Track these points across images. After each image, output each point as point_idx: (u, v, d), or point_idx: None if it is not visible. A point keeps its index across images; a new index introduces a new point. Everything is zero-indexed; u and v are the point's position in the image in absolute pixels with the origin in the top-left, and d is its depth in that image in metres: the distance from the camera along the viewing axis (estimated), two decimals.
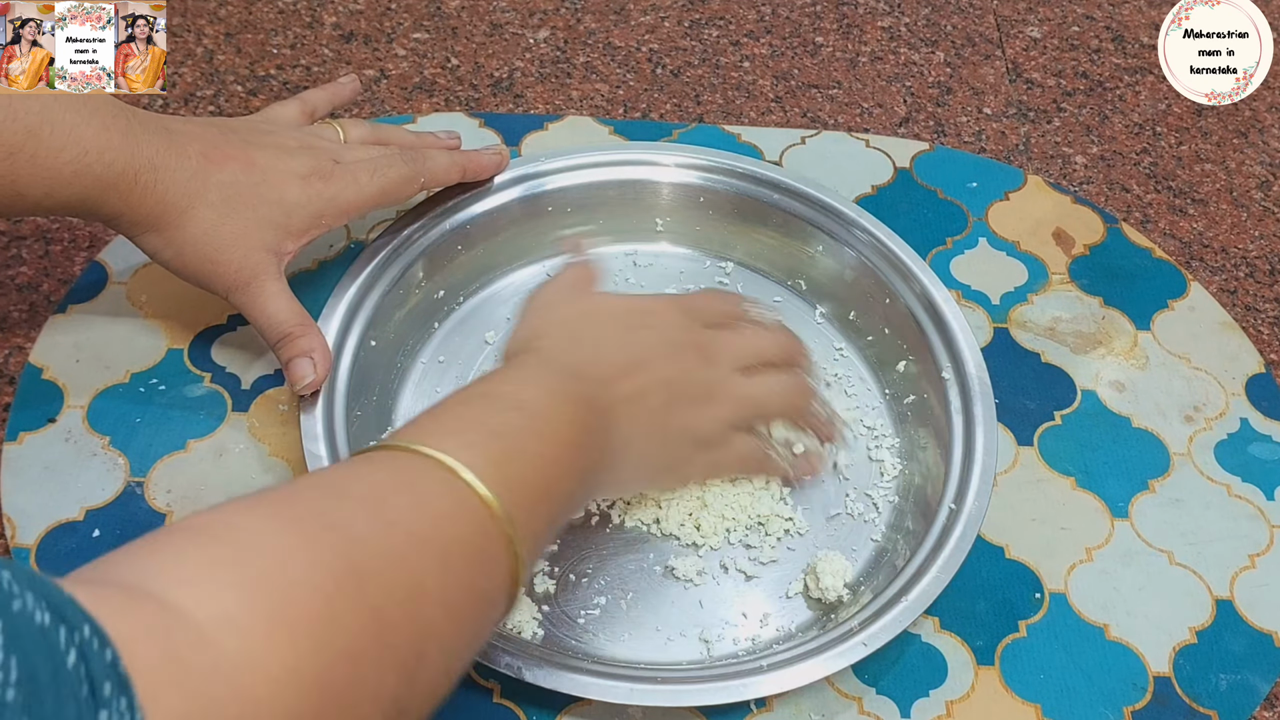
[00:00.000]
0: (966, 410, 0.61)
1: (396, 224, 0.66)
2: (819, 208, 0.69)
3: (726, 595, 0.58)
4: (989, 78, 0.87)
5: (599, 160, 0.71)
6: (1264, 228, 0.79)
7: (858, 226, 0.68)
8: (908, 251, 0.67)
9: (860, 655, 0.52)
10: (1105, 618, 0.59)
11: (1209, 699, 0.57)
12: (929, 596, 0.54)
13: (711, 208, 0.71)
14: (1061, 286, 0.73)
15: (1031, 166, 0.81)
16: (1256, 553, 0.62)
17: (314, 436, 0.57)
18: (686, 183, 0.71)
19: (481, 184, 0.67)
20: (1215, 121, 0.85)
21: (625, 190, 0.71)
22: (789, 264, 0.71)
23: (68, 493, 0.60)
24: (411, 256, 0.65)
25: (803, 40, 0.89)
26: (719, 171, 0.71)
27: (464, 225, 0.67)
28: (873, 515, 0.61)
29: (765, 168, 0.71)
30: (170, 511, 0.59)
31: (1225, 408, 0.68)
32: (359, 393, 0.61)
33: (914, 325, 0.65)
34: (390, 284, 0.64)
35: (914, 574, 0.55)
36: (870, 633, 0.53)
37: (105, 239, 0.71)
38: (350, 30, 0.86)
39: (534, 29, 0.88)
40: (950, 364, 0.63)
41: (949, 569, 0.55)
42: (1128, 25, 0.92)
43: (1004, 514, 0.62)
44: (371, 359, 0.62)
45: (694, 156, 0.71)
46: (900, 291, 0.66)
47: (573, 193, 0.70)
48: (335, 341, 0.60)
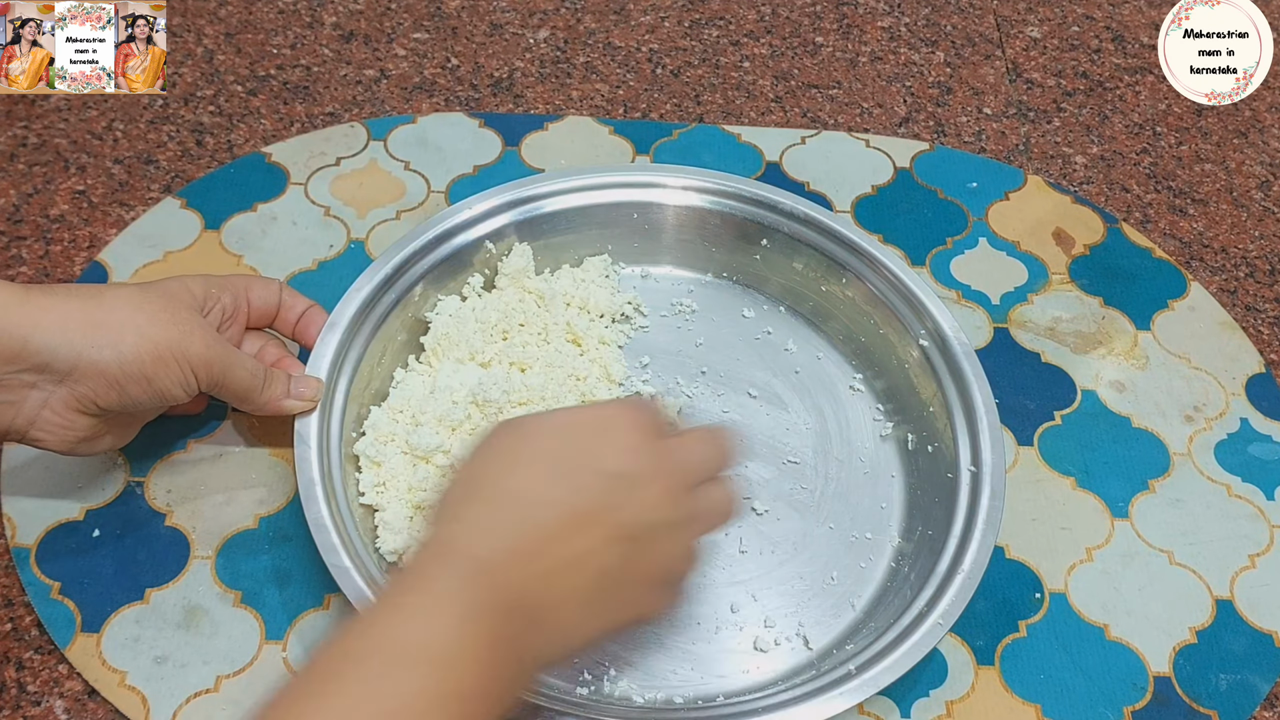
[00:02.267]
0: (975, 453, 0.60)
1: (398, 244, 0.65)
2: (831, 236, 0.68)
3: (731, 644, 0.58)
4: (989, 78, 0.87)
5: (600, 182, 0.69)
6: (1264, 228, 0.79)
7: (868, 256, 0.67)
8: (922, 287, 0.66)
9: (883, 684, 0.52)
10: (1105, 618, 0.59)
11: (1209, 699, 0.57)
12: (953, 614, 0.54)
13: (717, 230, 0.70)
14: (1061, 286, 0.73)
15: (1031, 166, 0.81)
16: (1256, 553, 0.62)
17: (305, 440, 0.57)
18: (691, 205, 0.70)
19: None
20: (1215, 121, 0.85)
21: (630, 211, 0.70)
22: (801, 291, 0.70)
23: (68, 493, 0.60)
24: (413, 279, 0.65)
25: (803, 40, 0.89)
26: (725, 195, 0.70)
27: (466, 245, 0.67)
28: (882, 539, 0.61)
29: (780, 194, 0.70)
30: (170, 511, 0.59)
31: (1225, 408, 0.68)
32: (357, 399, 0.61)
33: (925, 364, 0.64)
34: (393, 302, 0.63)
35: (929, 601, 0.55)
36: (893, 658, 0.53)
37: (105, 239, 0.71)
38: (350, 30, 0.86)
39: (534, 29, 0.88)
40: (962, 411, 0.62)
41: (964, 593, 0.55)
42: (1128, 25, 0.92)
43: (1004, 514, 0.62)
44: (370, 371, 0.63)
45: (699, 179, 0.70)
46: (910, 325, 0.65)
47: (573, 215, 0.69)
48: (335, 356, 0.60)
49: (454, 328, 0.64)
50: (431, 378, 0.63)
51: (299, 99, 0.81)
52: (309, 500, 0.55)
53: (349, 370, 0.61)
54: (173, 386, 0.53)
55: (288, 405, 0.57)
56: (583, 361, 0.65)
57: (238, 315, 0.59)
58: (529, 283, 0.67)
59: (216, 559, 0.58)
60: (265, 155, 0.76)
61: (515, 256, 0.67)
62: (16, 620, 0.56)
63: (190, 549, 0.58)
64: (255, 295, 0.60)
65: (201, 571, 0.58)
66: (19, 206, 0.72)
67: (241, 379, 0.55)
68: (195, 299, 0.55)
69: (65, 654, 0.55)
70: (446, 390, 0.61)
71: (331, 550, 0.53)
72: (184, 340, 0.52)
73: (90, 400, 0.51)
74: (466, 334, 0.64)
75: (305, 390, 0.58)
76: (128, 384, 0.51)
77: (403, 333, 0.64)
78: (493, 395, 0.60)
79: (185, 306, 0.54)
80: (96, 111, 0.78)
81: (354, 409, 0.61)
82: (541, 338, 0.65)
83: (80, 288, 0.52)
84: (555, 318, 0.66)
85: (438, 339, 0.64)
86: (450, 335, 0.64)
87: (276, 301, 0.61)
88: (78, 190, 0.74)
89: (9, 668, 0.54)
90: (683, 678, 0.56)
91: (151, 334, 0.51)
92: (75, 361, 0.50)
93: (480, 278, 0.67)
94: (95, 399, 0.51)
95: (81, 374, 0.50)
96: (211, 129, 0.78)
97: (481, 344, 0.64)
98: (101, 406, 0.52)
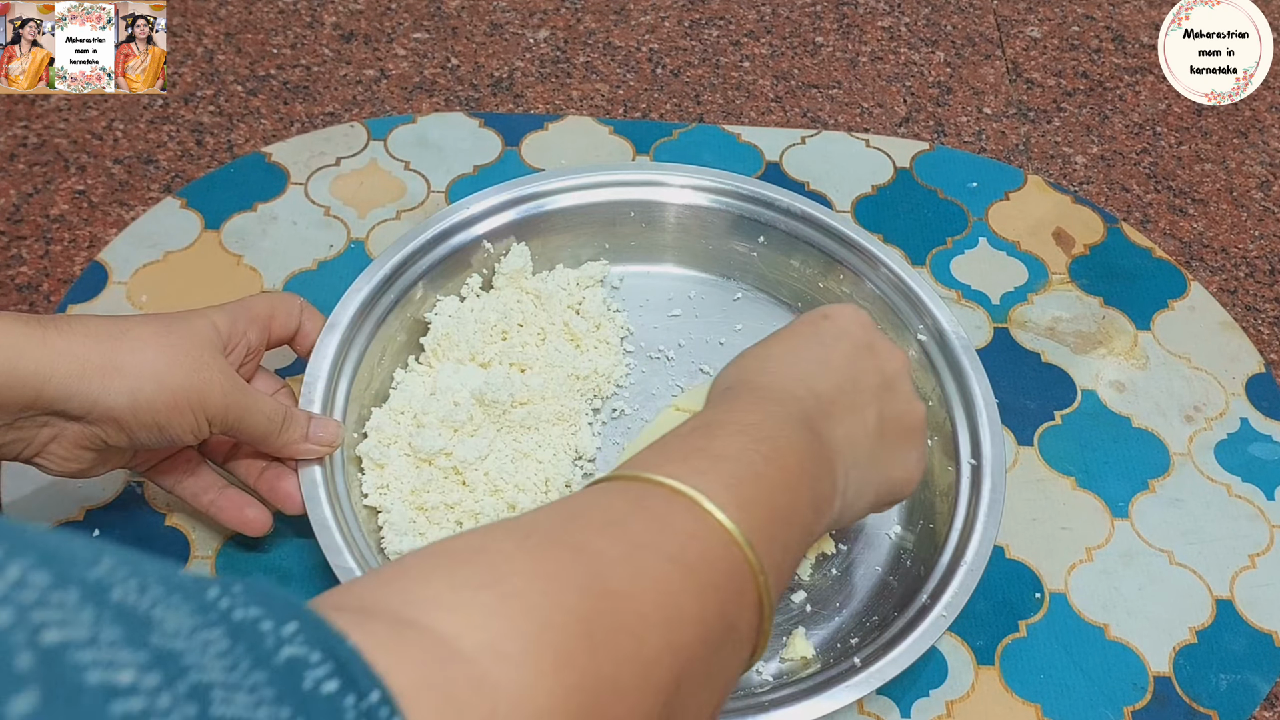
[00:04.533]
0: (975, 449, 0.60)
1: (397, 244, 0.65)
2: (827, 233, 0.68)
3: None
4: (989, 78, 0.87)
5: (599, 180, 0.69)
6: (1264, 228, 0.79)
7: (867, 254, 0.67)
8: (924, 287, 0.66)
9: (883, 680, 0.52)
10: (1105, 617, 0.59)
11: (1209, 699, 0.57)
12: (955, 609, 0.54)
13: (717, 228, 0.70)
14: (1061, 286, 0.73)
15: (1031, 166, 0.81)
16: (1256, 552, 0.62)
17: None
18: (693, 204, 0.70)
19: None
20: (1215, 121, 0.85)
21: (632, 210, 0.70)
22: (799, 288, 0.70)
23: (68, 493, 0.60)
24: (411, 279, 0.65)
25: (803, 40, 0.89)
26: (725, 194, 0.70)
27: (465, 245, 0.67)
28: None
29: (782, 194, 0.70)
30: (170, 511, 0.59)
31: (1225, 408, 0.68)
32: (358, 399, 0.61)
33: (924, 357, 0.64)
34: (391, 303, 0.63)
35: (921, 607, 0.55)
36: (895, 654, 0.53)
37: (105, 239, 0.71)
38: (350, 30, 0.86)
39: (534, 29, 0.88)
40: (961, 406, 0.62)
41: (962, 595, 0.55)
42: (1128, 25, 0.92)
43: (1004, 514, 0.62)
44: (371, 371, 0.62)
45: (700, 178, 0.70)
46: (911, 324, 0.65)
47: (571, 213, 0.69)
48: (335, 357, 0.60)
49: (454, 328, 0.64)
50: (432, 379, 0.63)
51: (299, 99, 0.81)
52: (312, 501, 0.55)
53: (349, 371, 0.61)
54: (184, 433, 0.51)
55: (304, 450, 0.56)
56: (582, 361, 0.65)
57: (260, 349, 0.57)
58: (526, 283, 0.67)
59: (216, 559, 0.58)
60: (265, 155, 0.76)
61: (513, 256, 0.67)
62: None
63: (190, 549, 0.58)
64: (279, 324, 0.58)
65: (202, 571, 0.58)
66: (19, 206, 0.72)
67: (259, 424, 0.54)
68: (220, 337, 0.54)
69: None
70: (448, 392, 0.61)
71: (335, 551, 0.53)
72: (203, 389, 0.51)
73: (99, 439, 0.50)
74: (466, 334, 0.64)
75: (323, 434, 0.56)
76: (138, 429, 0.50)
77: (402, 333, 0.64)
78: (499, 396, 0.60)
79: (209, 348, 0.52)
80: (96, 111, 0.78)
81: (355, 410, 0.61)
82: (540, 337, 0.65)
83: (101, 323, 0.50)
84: (553, 317, 0.66)
85: (437, 339, 0.64)
86: (450, 336, 0.64)
87: (296, 326, 0.59)
88: (78, 190, 0.74)
89: None
90: None
91: (170, 383, 0.50)
92: (90, 407, 0.49)
93: (479, 278, 0.67)
94: (104, 439, 0.50)
95: (95, 418, 0.49)
96: (211, 129, 0.78)
97: (481, 344, 0.64)
98: (110, 445, 0.51)
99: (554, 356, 0.64)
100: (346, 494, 0.57)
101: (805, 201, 0.69)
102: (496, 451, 0.60)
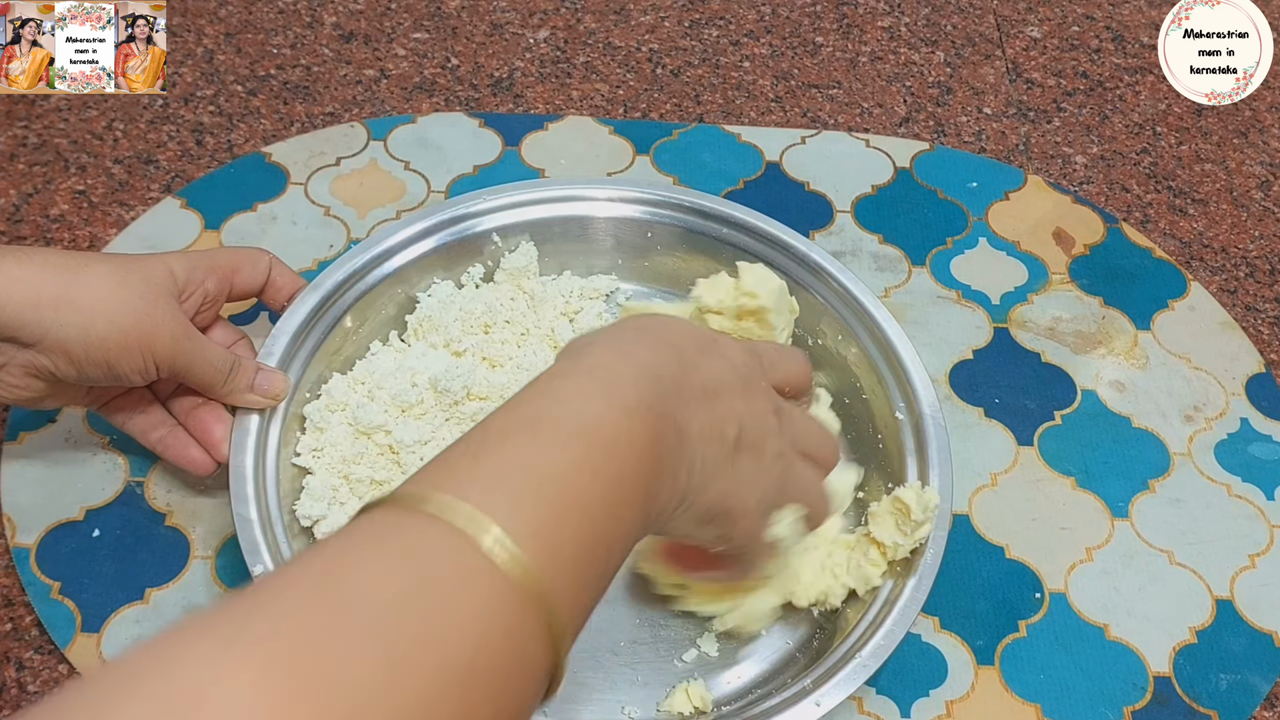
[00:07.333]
0: (920, 451, 0.60)
1: (400, 224, 0.65)
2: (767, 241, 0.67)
3: None
4: (989, 78, 0.87)
5: (533, 198, 0.68)
6: (1264, 228, 0.79)
7: (808, 262, 0.66)
8: (866, 294, 0.65)
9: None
10: (1105, 618, 0.59)
11: (1209, 699, 0.57)
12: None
13: (660, 243, 0.69)
14: (1061, 286, 0.73)
15: (1031, 166, 0.81)
16: (1256, 552, 0.62)
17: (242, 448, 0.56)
18: (629, 217, 0.69)
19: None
20: (1215, 121, 0.85)
21: (568, 226, 0.69)
22: None
23: (68, 493, 0.60)
24: (411, 257, 0.65)
25: (803, 40, 0.89)
26: (665, 206, 0.68)
27: (392, 273, 0.65)
28: None
29: (717, 202, 0.68)
30: (169, 511, 0.59)
31: (1225, 408, 0.68)
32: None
33: (869, 365, 0.64)
34: (322, 335, 0.62)
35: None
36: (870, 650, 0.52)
37: (105, 239, 0.71)
38: (350, 30, 0.86)
39: (534, 29, 0.88)
40: (904, 404, 0.61)
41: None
42: (1128, 25, 0.92)
43: (1004, 514, 0.62)
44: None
45: (632, 190, 0.69)
46: (856, 331, 0.65)
47: (509, 230, 0.68)
48: (308, 316, 0.60)
49: (438, 312, 0.64)
50: (404, 356, 0.63)
51: (299, 99, 0.81)
52: (238, 449, 0.55)
53: (319, 333, 0.61)
54: (131, 374, 0.53)
55: (248, 399, 0.57)
56: None
57: (219, 299, 0.58)
58: (526, 282, 0.67)
59: (216, 559, 0.58)
60: (265, 155, 0.76)
61: (519, 254, 0.67)
62: (16, 620, 0.56)
63: (190, 549, 0.59)
64: (243, 277, 0.59)
65: (202, 571, 0.58)
66: (19, 206, 0.72)
67: (205, 372, 0.55)
68: (176, 283, 0.55)
69: (65, 654, 0.55)
70: (408, 371, 0.61)
71: (242, 500, 0.53)
72: (152, 332, 0.52)
73: (48, 370, 0.51)
74: (448, 320, 0.64)
75: (268, 386, 0.57)
76: (87, 365, 0.51)
77: (391, 306, 0.65)
78: (452, 386, 0.60)
79: (163, 293, 0.53)
80: (96, 111, 0.78)
81: (317, 369, 0.61)
82: (522, 337, 0.65)
83: (60, 256, 0.51)
84: (541, 320, 0.66)
85: (420, 320, 0.64)
86: (433, 319, 0.64)
87: (264, 280, 0.60)
88: (78, 190, 0.74)
89: (9, 667, 0.54)
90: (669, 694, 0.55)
91: (122, 322, 0.51)
92: (41, 336, 0.50)
93: (481, 268, 0.67)
94: (53, 370, 0.51)
95: (45, 347, 0.50)
96: (211, 129, 0.78)
97: (460, 333, 0.64)
98: (57, 377, 0.52)
99: (527, 359, 0.64)
100: (279, 449, 0.57)
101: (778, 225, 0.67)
102: (439, 440, 0.60)
